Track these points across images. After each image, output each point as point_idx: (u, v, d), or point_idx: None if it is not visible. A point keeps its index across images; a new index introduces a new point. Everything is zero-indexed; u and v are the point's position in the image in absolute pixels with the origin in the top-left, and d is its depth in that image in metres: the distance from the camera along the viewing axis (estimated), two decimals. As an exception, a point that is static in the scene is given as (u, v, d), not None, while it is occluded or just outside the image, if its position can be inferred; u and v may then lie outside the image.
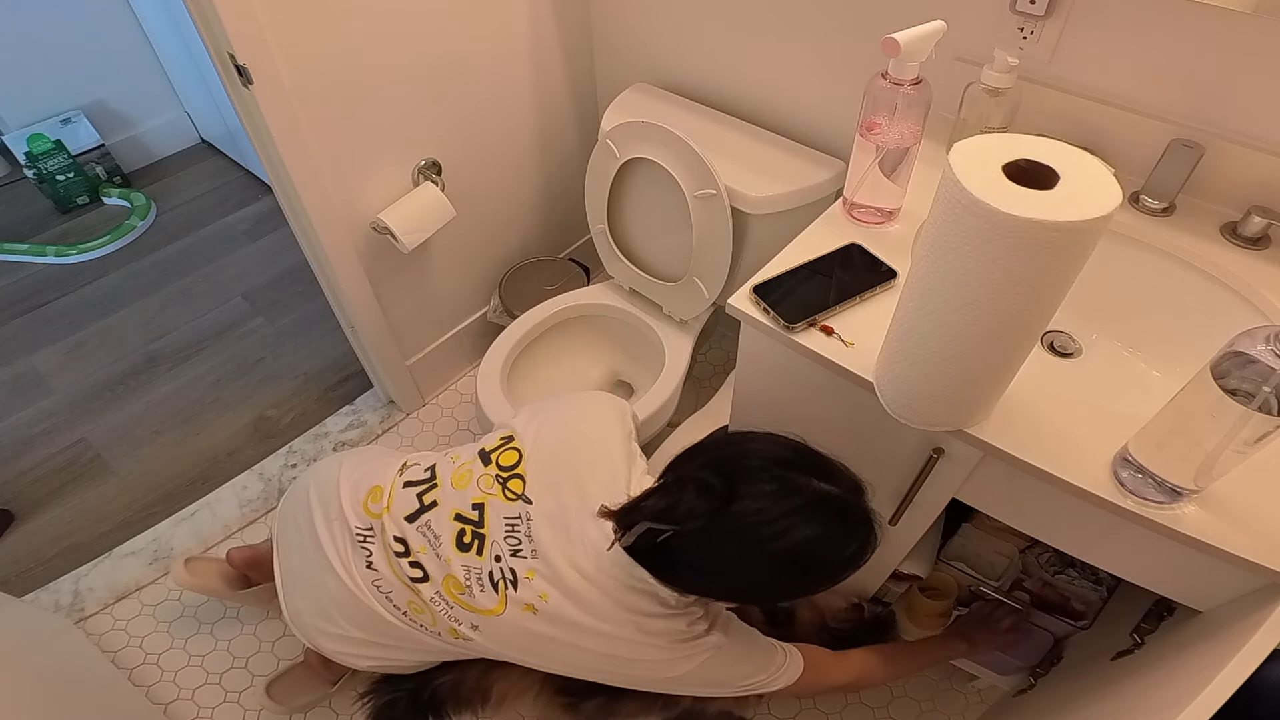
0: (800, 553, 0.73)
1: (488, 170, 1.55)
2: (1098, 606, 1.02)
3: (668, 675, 0.83)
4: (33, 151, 2.21)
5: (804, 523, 0.72)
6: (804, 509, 0.73)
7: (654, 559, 0.77)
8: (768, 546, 0.72)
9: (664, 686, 0.86)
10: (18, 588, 1.47)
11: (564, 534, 0.83)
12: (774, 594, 0.81)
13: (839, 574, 0.77)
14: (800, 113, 1.31)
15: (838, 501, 0.75)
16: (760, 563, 0.74)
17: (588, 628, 0.81)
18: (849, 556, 0.75)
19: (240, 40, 1.03)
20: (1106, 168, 0.55)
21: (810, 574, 0.76)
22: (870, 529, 0.76)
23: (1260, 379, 0.53)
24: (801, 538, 0.72)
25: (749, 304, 0.86)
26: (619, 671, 0.84)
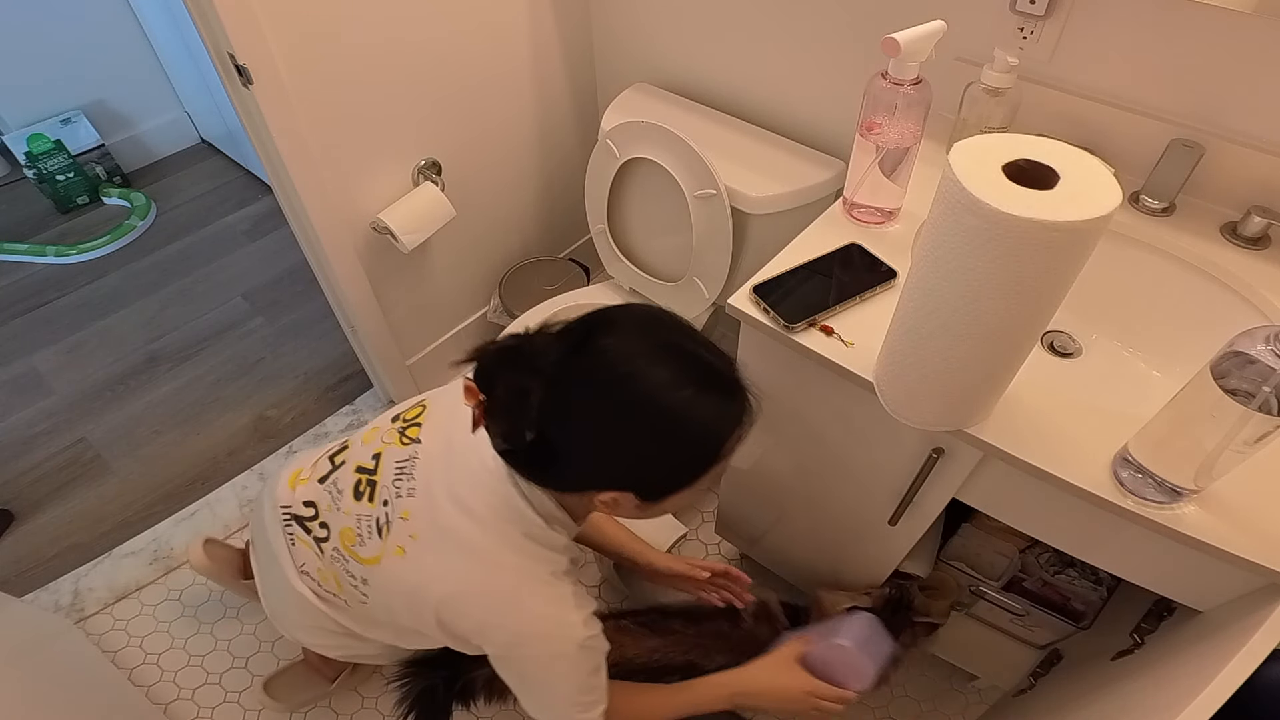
0: (670, 400, 0.66)
1: (488, 170, 1.55)
2: (1098, 606, 1.02)
3: (536, 646, 0.77)
4: (33, 151, 2.21)
5: (671, 360, 0.67)
6: (670, 347, 0.68)
7: (527, 458, 0.71)
8: (633, 388, 0.66)
9: (532, 668, 0.79)
10: (18, 588, 1.47)
11: (447, 467, 0.80)
12: (650, 463, 0.70)
13: (716, 434, 0.70)
14: (800, 113, 1.31)
15: (705, 355, 0.70)
16: (628, 414, 0.66)
17: (455, 568, 0.77)
18: (725, 413, 0.70)
19: (240, 40, 1.03)
20: (1106, 168, 0.55)
21: (684, 428, 0.68)
22: (745, 392, 0.71)
23: (1260, 379, 0.53)
24: (669, 378, 0.66)
25: (749, 304, 0.86)
26: (487, 632, 0.78)
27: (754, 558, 1.44)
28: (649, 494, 0.72)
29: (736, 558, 1.52)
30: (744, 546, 1.45)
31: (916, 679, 1.35)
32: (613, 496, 0.71)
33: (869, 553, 1.09)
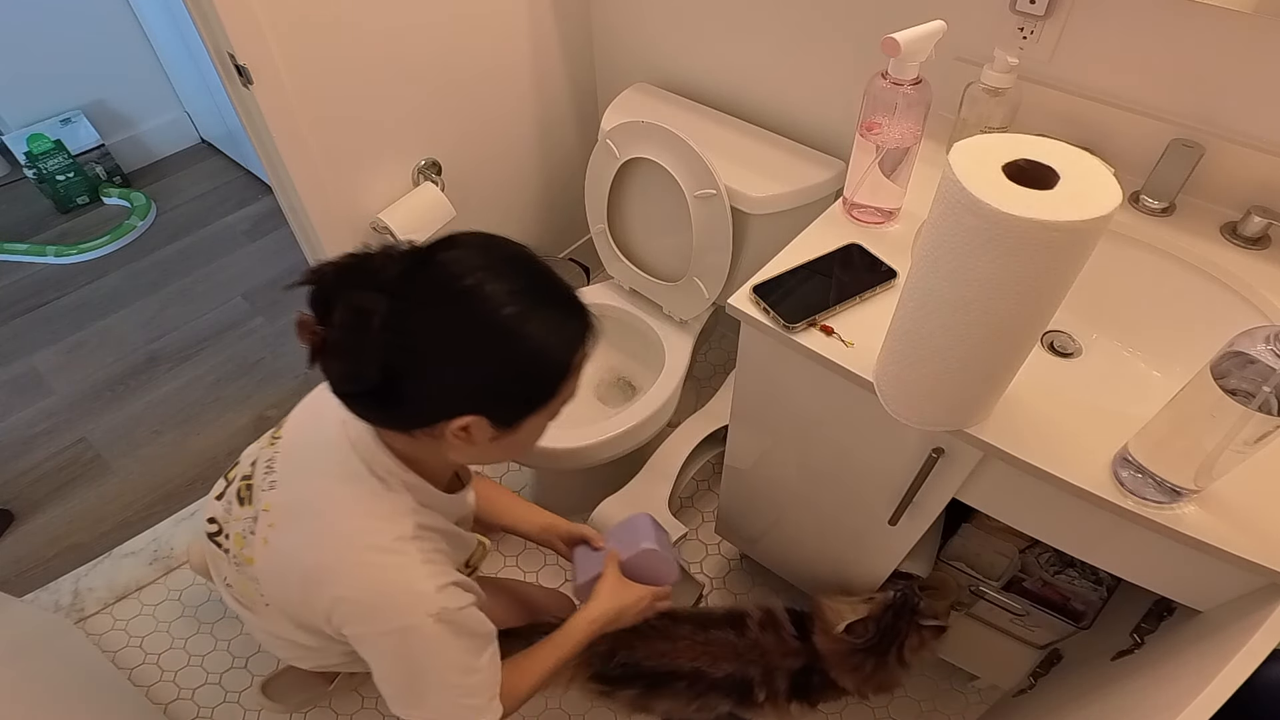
0: (514, 313, 0.65)
1: (488, 170, 1.55)
2: (1098, 606, 1.02)
3: (384, 619, 0.72)
4: (33, 151, 2.21)
5: (513, 274, 0.66)
6: (512, 262, 0.67)
7: (370, 395, 0.66)
8: (476, 301, 0.64)
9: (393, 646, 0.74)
10: (18, 588, 1.47)
11: (305, 446, 0.79)
12: (497, 381, 0.67)
13: (561, 350, 0.69)
14: (800, 113, 1.31)
15: (546, 272, 0.69)
16: (472, 329, 0.64)
17: (303, 543, 0.75)
18: (567, 328, 0.69)
19: (240, 40, 1.03)
20: (1106, 168, 0.55)
21: (529, 342, 0.66)
22: (585, 310, 0.71)
23: (1260, 379, 0.53)
24: (511, 291, 0.65)
25: (749, 304, 0.86)
26: (338, 608, 0.73)
27: (754, 558, 1.44)
28: (501, 418, 0.69)
29: (736, 558, 1.52)
30: (744, 547, 1.45)
31: (916, 679, 1.35)
32: (464, 424, 0.67)
33: (869, 553, 1.09)
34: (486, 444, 0.71)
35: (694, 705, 1.05)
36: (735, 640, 1.07)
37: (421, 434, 0.70)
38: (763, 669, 1.05)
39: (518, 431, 0.72)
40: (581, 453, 1.28)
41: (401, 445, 0.74)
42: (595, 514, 1.28)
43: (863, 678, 1.04)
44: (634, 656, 1.02)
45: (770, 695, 1.05)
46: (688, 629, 1.07)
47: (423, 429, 0.69)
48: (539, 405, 0.71)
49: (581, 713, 1.33)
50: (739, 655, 1.06)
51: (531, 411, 0.71)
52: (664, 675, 1.03)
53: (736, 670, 1.05)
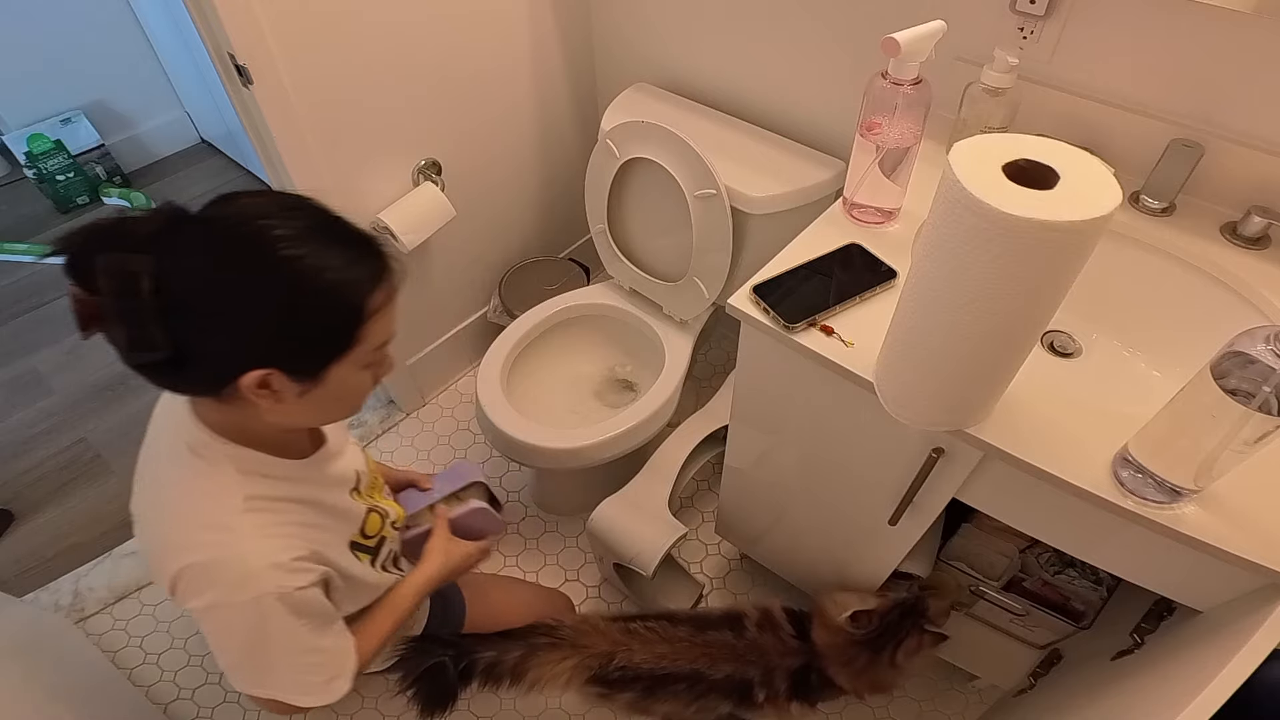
0: (296, 254, 0.61)
1: (488, 170, 1.55)
2: (1098, 606, 1.02)
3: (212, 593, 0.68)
4: (33, 151, 2.21)
5: (293, 219, 0.63)
6: (292, 209, 0.64)
7: (168, 367, 0.62)
8: (254, 246, 0.61)
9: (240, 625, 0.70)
10: (18, 588, 1.47)
11: (151, 443, 0.77)
12: (288, 329, 0.63)
13: (352, 291, 0.64)
14: (800, 113, 1.31)
15: (331, 213, 0.66)
16: (253, 276, 0.61)
17: (144, 525, 0.73)
18: (357, 267, 0.65)
19: (240, 40, 1.03)
20: (1106, 168, 0.55)
21: (315, 283, 0.62)
22: (380, 249, 0.67)
23: (1260, 379, 0.53)
24: (292, 233, 0.62)
25: (749, 304, 0.86)
26: (177, 586, 0.69)
27: (754, 558, 1.44)
28: (298, 369, 0.65)
29: (736, 558, 1.52)
30: (744, 546, 1.45)
31: (917, 679, 1.35)
32: (261, 378, 0.62)
33: (869, 553, 1.09)
34: (296, 400, 0.66)
35: (693, 707, 1.05)
36: (734, 641, 1.07)
37: (230, 398, 0.65)
38: (762, 669, 1.05)
39: (325, 383, 0.67)
40: (581, 453, 1.28)
41: (217, 414, 0.70)
42: (595, 514, 1.28)
43: (854, 672, 1.04)
44: (632, 659, 1.02)
45: (770, 695, 1.05)
46: (686, 630, 1.07)
47: (223, 391, 0.65)
48: (338, 353, 0.66)
49: (581, 713, 1.33)
50: (738, 656, 1.05)
51: (331, 359, 0.66)
52: (662, 677, 1.03)
53: (736, 671, 1.04)
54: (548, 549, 1.54)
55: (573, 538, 1.56)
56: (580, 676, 1.01)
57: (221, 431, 0.70)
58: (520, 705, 1.34)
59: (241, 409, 0.67)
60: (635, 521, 1.27)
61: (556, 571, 1.51)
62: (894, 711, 1.33)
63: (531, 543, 1.55)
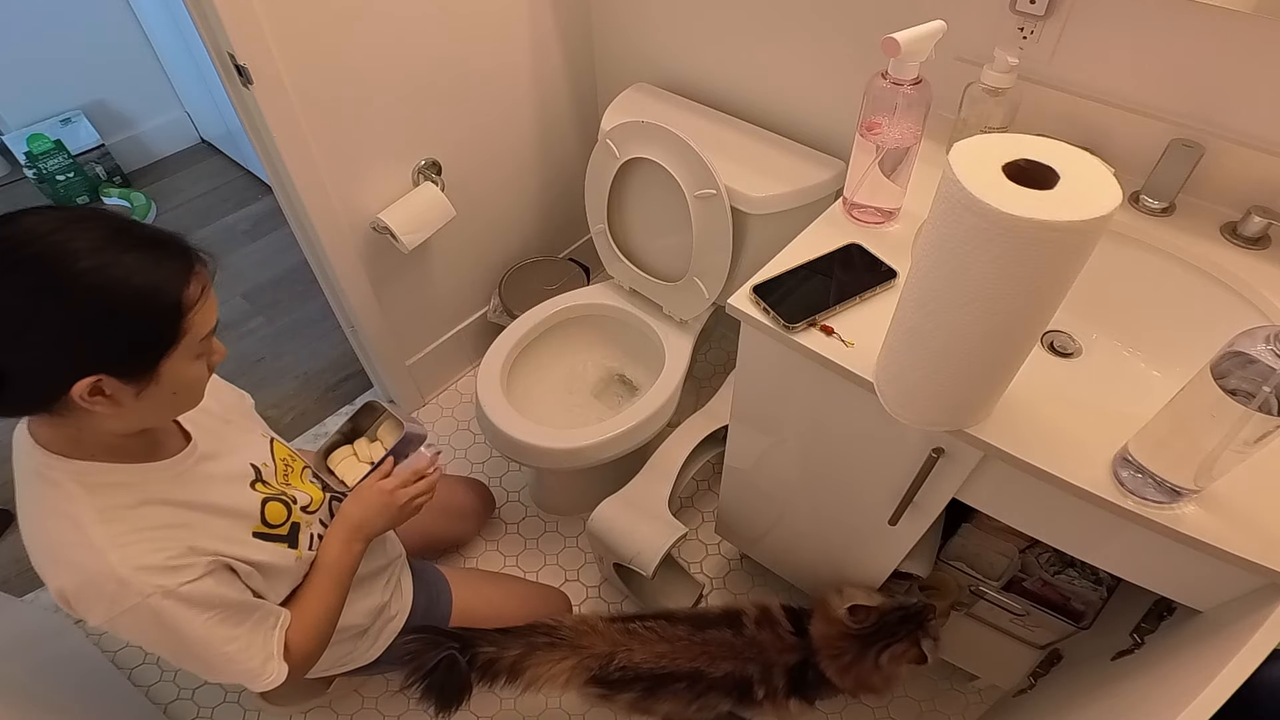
0: (93, 268, 0.61)
1: (488, 170, 1.55)
2: (1098, 606, 1.02)
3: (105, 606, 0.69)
4: (33, 151, 2.21)
5: (85, 229, 0.62)
6: (86, 218, 0.63)
7: None
8: (46, 264, 0.60)
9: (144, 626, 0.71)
10: (18, 587, 1.47)
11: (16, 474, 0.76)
12: (104, 334, 0.63)
13: (164, 286, 0.65)
14: (800, 113, 1.31)
15: (125, 220, 0.66)
16: (56, 287, 0.60)
17: (34, 559, 0.72)
18: (166, 263, 0.65)
19: (240, 40, 1.03)
20: (1106, 168, 0.55)
21: (119, 290, 0.62)
22: (184, 244, 0.67)
23: (1260, 379, 0.53)
24: (86, 244, 0.61)
25: (749, 304, 0.86)
26: (73, 604, 0.70)
27: (754, 558, 1.45)
28: (127, 371, 0.65)
29: (736, 558, 1.52)
30: (744, 547, 1.45)
31: (917, 679, 1.35)
32: (92, 385, 0.62)
33: (869, 553, 1.09)
34: (135, 401, 0.67)
35: (694, 706, 1.05)
36: (733, 639, 1.07)
37: (65, 412, 0.65)
38: (761, 666, 1.06)
39: (160, 380, 0.67)
40: (581, 453, 1.28)
41: (51, 431, 0.70)
42: (595, 514, 1.28)
43: (841, 666, 1.04)
44: (632, 659, 1.02)
45: (769, 693, 1.05)
46: (685, 629, 1.07)
47: (55, 406, 0.65)
48: (166, 348, 0.66)
49: (581, 713, 1.33)
50: (737, 654, 1.06)
51: (161, 356, 0.66)
52: (663, 677, 1.03)
53: (735, 669, 1.05)
54: (548, 549, 1.54)
55: (573, 538, 1.56)
56: (580, 677, 1.01)
57: (59, 449, 0.70)
58: (520, 705, 1.34)
59: (76, 421, 0.67)
60: (635, 521, 1.27)
61: (556, 571, 1.51)
62: (894, 711, 1.33)
63: (531, 543, 1.55)
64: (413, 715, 1.33)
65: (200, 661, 0.76)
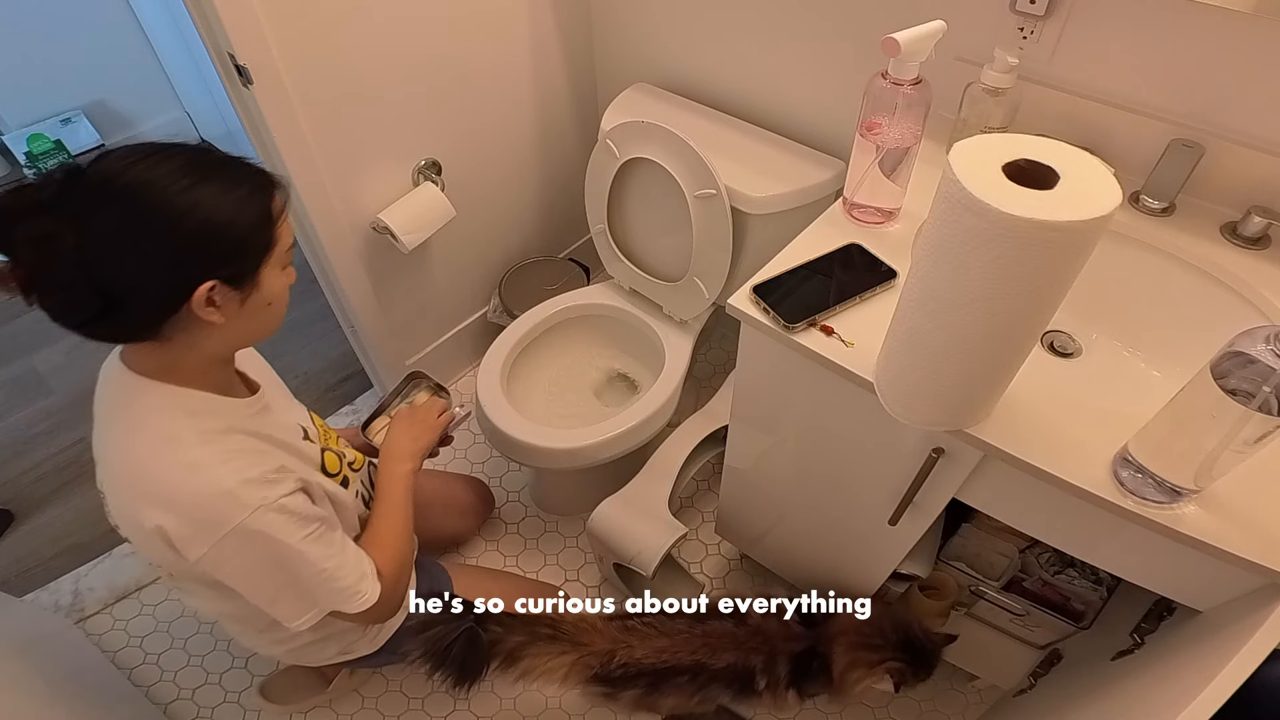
0: (191, 185, 0.66)
1: (488, 170, 1.55)
2: (1098, 606, 1.02)
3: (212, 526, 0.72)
4: (33, 151, 2.22)
5: (172, 154, 0.68)
6: (168, 146, 0.69)
7: (106, 321, 0.67)
8: (152, 186, 0.65)
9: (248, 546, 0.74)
10: (18, 588, 1.47)
11: (99, 420, 0.81)
12: (215, 240, 0.68)
13: (253, 196, 0.71)
14: (800, 113, 1.31)
15: (205, 146, 0.72)
16: (158, 212, 0.65)
17: (122, 493, 0.75)
18: (259, 180, 0.71)
19: (240, 40, 1.03)
20: (1106, 168, 0.55)
21: (222, 200, 0.68)
22: (256, 167, 0.73)
23: (1260, 379, 0.53)
24: (179, 165, 0.67)
25: (749, 304, 0.86)
26: (179, 535, 0.72)
27: (754, 558, 1.45)
28: (237, 277, 0.70)
29: (736, 558, 1.52)
30: (744, 547, 1.45)
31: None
32: (206, 294, 0.67)
33: (869, 553, 1.09)
34: (238, 310, 0.72)
35: (697, 698, 1.05)
36: (734, 629, 1.06)
37: (172, 332, 0.71)
38: (765, 655, 1.05)
39: (260, 286, 0.73)
40: (581, 453, 1.28)
41: (151, 360, 0.74)
42: (595, 514, 1.28)
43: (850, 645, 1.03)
44: (633, 655, 1.02)
45: (770, 682, 1.05)
46: (684, 623, 1.06)
47: (169, 324, 0.70)
48: (264, 254, 0.72)
49: (581, 713, 1.33)
50: (739, 644, 1.05)
51: (261, 262, 0.72)
52: (665, 671, 1.03)
53: (738, 659, 1.04)
54: (548, 549, 1.54)
55: (573, 538, 1.56)
56: (580, 676, 1.01)
57: (158, 376, 0.74)
58: (520, 705, 1.34)
59: (175, 348, 0.73)
60: (635, 521, 1.27)
61: (556, 571, 1.51)
62: (894, 712, 1.33)
63: (531, 543, 1.55)
64: (413, 715, 1.33)
65: (299, 584, 0.79)
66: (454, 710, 1.34)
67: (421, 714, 1.33)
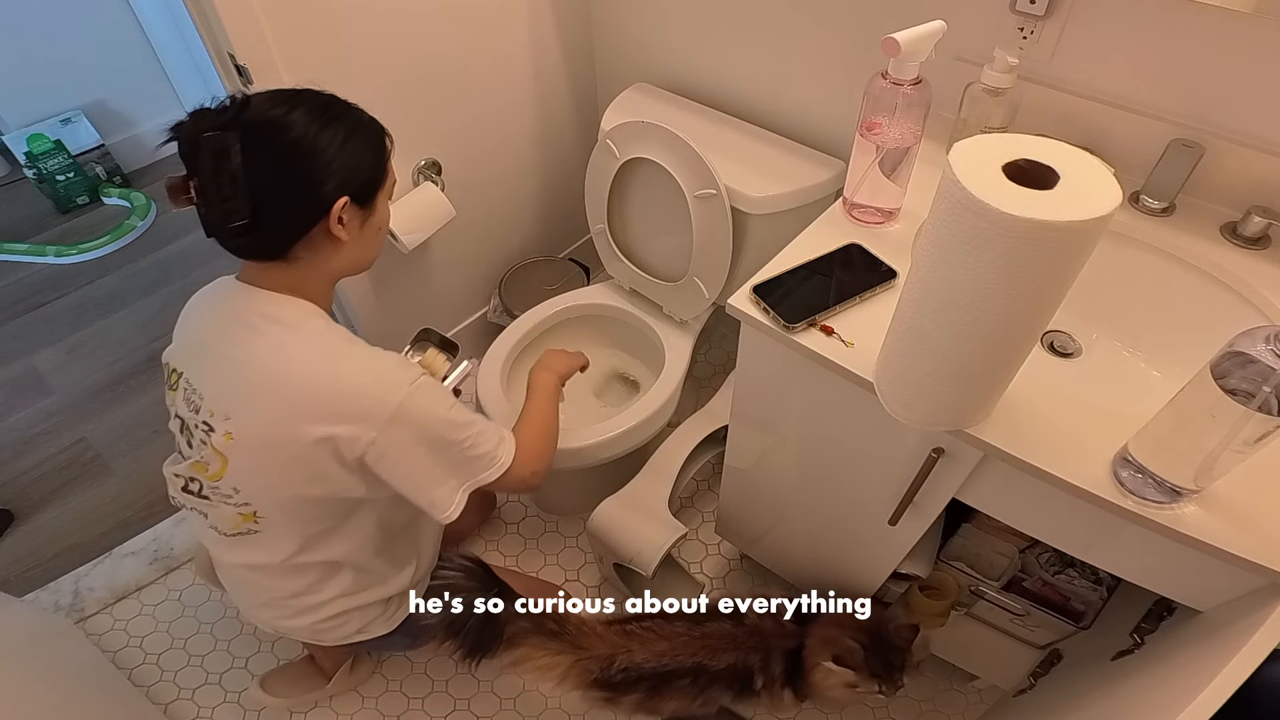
0: (343, 106, 0.83)
1: (488, 170, 1.55)
2: (1098, 606, 1.02)
3: (386, 399, 0.81)
4: (33, 151, 2.21)
5: (313, 93, 0.82)
6: (307, 88, 0.83)
7: (256, 231, 0.77)
8: (312, 102, 0.80)
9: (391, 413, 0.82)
10: (18, 588, 1.47)
11: (206, 352, 0.87)
12: (349, 159, 0.81)
13: (374, 131, 0.86)
14: (800, 113, 1.31)
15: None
16: (320, 121, 0.79)
17: (274, 394, 0.81)
18: (371, 120, 0.86)
19: (240, 40, 1.03)
20: (1106, 168, 0.55)
21: (360, 122, 0.84)
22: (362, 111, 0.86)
23: (1260, 379, 0.53)
24: (320, 100, 0.81)
25: (749, 304, 0.86)
26: (351, 409, 0.81)
27: (754, 558, 1.45)
28: (360, 195, 0.82)
29: (736, 558, 1.52)
30: (744, 547, 1.45)
31: (917, 679, 1.35)
32: (340, 208, 0.79)
33: (869, 553, 1.09)
34: (358, 231, 0.84)
35: (699, 700, 1.05)
36: (733, 630, 1.06)
37: (301, 252, 0.81)
38: (762, 654, 1.05)
39: (375, 211, 0.86)
40: (581, 453, 1.28)
41: (281, 279, 0.83)
42: (595, 514, 1.28)
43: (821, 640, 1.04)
44: (633, 659, 1.02)
45: (767, 681, 1.05)
46: (683, 625, 1.06)
47: (304, 238, 0.80)
48: (380, 181, 0.85)
49: (580, 713, 1.33)
50: (738, 644, 1.05)
51: (379, 187, 0.85)
52: (666, 674, 1.03)
53: (737, 660, 1.04)
54: (548, 549, 1.54)
55: (573, 538, 1.56)
56: (579, 680, 1.01)
57: (288, 292, 0.84)
58: (520, 705, 1.34)
59: (302, 268, 0.83)
60: (635, 521, 1.27)
61: (556, 571, 1.51)
62: (894, 712, 1.33)
63: (531, 543, 1.55)
64: (413, 715, 1.33)
65: (448, 457, 0.87)
66: (454, 710, 1.34)
67: (421, 714, 1.33)
